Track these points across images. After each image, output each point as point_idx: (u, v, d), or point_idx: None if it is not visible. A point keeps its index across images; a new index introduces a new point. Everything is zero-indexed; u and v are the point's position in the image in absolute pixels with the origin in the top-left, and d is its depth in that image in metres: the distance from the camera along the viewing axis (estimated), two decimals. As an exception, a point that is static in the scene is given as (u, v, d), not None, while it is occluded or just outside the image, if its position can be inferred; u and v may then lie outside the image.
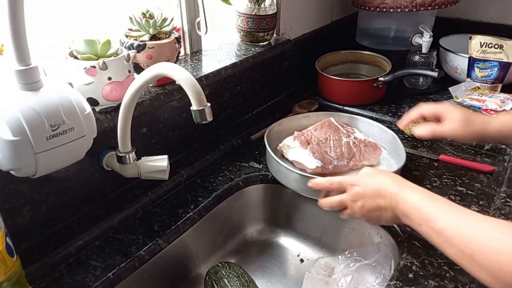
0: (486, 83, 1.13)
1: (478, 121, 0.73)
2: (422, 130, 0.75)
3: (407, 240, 0.71)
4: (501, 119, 0.73)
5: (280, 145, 0.88)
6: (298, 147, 0.85)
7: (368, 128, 0.96)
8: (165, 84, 0.82)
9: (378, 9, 1.22)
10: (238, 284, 0.70)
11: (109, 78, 0.66)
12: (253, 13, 1.02)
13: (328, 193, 0.71)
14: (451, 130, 0.73)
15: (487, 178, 0.86)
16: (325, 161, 0.81)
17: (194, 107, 0.58)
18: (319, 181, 0.71)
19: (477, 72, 1.14)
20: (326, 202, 0.69)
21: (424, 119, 0.77)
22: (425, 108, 0.76)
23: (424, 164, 0.91)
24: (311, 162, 0.81)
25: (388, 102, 1.16)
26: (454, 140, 0.79)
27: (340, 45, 1.34)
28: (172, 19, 0.80)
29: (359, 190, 0.64)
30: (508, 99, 1.00)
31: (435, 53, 1.22)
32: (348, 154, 0.85)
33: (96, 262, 0.67)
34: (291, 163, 0.84)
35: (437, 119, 0.75)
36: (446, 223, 0.50)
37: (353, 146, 0.86)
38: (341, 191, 0.67)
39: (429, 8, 1.18)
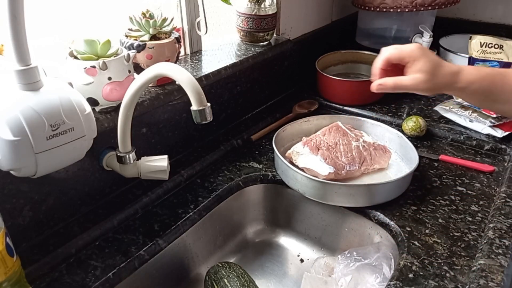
0: (486, 83, 1.13)
1: (446, 74, 0.66)
2: (381, 82, 0.69)
3: (407, 240, 0.71)
4: (471, 76, 0.66)
5: (289, 152, 0.87)
6: (308, 153, 0.84)
7: (375, 131, 0.96)
8: (165, 84, 0.82)
9: (378, 9, 1.22)
10: (238, 284, 0.70)
11: (109, 78, 0.66)
12: (253, 13, 1.02)
13: None
14: (414, 83, 0.67)
15: (487, 178, 0.86)
16: (337, 167, 0.81)
17: (194, 107, 0.58)
18: None
19: (477, 72, 1.14)
20: None
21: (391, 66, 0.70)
22: (390, 52, 0.69)
23: (424, 164, 0.91)
24: (324, 169, 0.80)
25: (388, 102, 1.16)
26: (416, 92, 0.70)
27: (340, 45, 1.34)
28: (172, 19, 0.80)
29: None
30: (508, 99, 1.00)
31: (435, 53, 1.22)
32: (359, 159, 0.84)
33: (96, 262, 0.67)
34: (301, 169, 0.83)
35: (402, 66, 0.69)
36: None
37: (363, 150, 0.86)
38: None
39: (429, 8, 1.18)
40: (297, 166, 0.83)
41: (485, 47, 1.13)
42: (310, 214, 0.87)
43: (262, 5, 1.02)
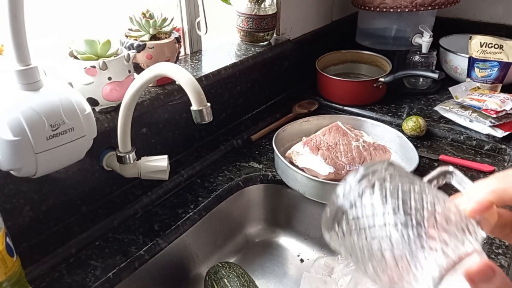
0: (486, 83, 1.13)
1: None
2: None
3: (407, 240, 0.71)
4: None
5: (289, 152, 0.87)
6: (308, 154, 0.84)
7: (375, 131, 0.96)
8: (165, 84, 0.82)
9: (378, 9, 1.22)
10: (238, 284, 0.70)
11: (109, 78, 0.66)
12: (253, 13, 1.02)
13: None
14: None
15: (487, 178, 0.86)
16: (337, 167, 0.81)
17: (194, 107, 0.58)
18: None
19: (477, 72, 1.14)
20: None
21: None
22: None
23: (424, 164, 0.91)
24: (324, 169, 0.80)
25: (388, 102, 1.16)
26: None
27: (340, 45, 1.34)
28: (172, 19, 0.80)
29: None
30: (508, 99, 1.00)
31: (435, 53, 1.22)
32: (359, 159, 0.84)
33: (96, 262, 0.67)
34: (301, 169, 0.83)
35: None
36: None
37: (363, 150, 0.86)
38: None
39: (429, 8, 1.18)
40: (297, 166, 0.83)
41: (485, 47, 1.13)
42: (310, 214, 0.87)
43: (262, 5, 1.02)
